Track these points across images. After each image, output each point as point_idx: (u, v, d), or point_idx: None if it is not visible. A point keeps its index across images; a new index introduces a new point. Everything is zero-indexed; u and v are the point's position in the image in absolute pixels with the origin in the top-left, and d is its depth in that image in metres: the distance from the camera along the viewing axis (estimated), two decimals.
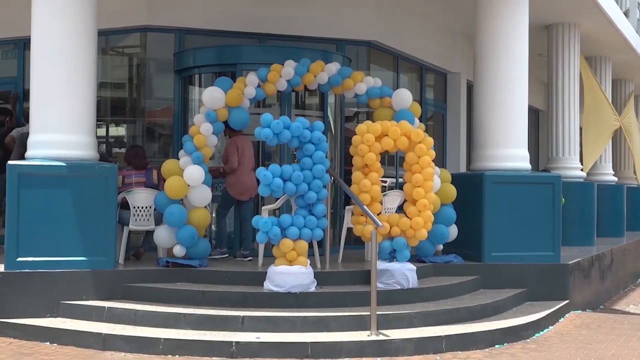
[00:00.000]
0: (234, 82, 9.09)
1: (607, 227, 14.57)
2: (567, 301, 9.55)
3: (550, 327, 8.64)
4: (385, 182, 10.36)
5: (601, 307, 10.98)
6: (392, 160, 11.69)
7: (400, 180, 11.06)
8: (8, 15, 10.91)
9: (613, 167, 16.49)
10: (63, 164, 7.93)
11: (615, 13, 13.42)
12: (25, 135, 8.63)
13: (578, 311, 9.95)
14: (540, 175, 10.96)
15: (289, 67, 9.24)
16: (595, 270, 11.18)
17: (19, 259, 7.82)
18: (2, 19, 11.18)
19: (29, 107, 8.49)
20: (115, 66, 11.46)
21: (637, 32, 16.01)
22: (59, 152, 7.98)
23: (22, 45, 11.03)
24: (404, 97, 9.66)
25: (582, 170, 13.41)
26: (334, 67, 9.53)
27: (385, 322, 7.31)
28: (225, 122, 9.68)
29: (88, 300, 7.83)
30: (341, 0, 11.02)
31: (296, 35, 10.74)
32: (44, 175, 7.90)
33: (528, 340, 7.91)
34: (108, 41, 10.77)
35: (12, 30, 11.00)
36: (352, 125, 11.07)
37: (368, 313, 7.21)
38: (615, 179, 16.19)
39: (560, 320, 9.11)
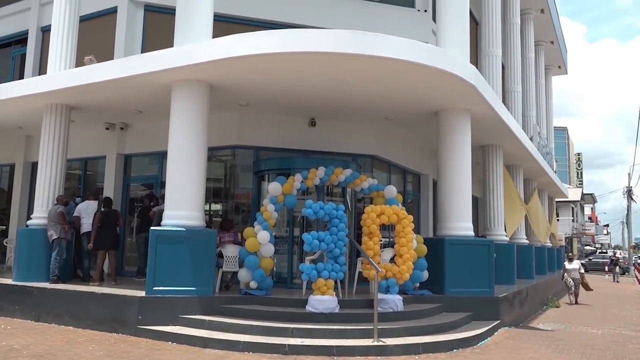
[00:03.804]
0: (288, 179, 9.20)
1: (523, 272, 14.27)
2: (499, 321, 9.29)
3: (489, 338, 8.40)
4: (382, 242, 10.25)
5: (521, 325, 10.61)
6: (387, 228, 11.60)
7: (391, 240, 11.00)
8: (152, 138, 11.26)
9: (525, 234, 16.22)
10: (183, 229, 8.03)
11: (524, 139, 13.47)
12: (161, 210, 8.76)
13: (506, 328, 9.65)
14: (480, 240, 10.77)
15: (321, 171, 9.39)
16: (516, 301, 10.90)
17: (155, 287, 7.87)
18: (150, 141, 11.53)
19: (164, 193, 8.66)
20: (216, 168, 11.60)
21: (537, 150, 16.03)
22: (181, 222, 8.10)
23: (161, 155, 11.28)
24: (391, 190, 9.85)
25: (506, 235, 13.24)
26: (348, 172, 9.69)
27: (383, 333, 7.16)
28: None
29: (196, 315, 7.79)
30: (355, 131, 11.17)
31: (327, 151, 10.85)
32: (172, 236, 7.99)
33: (474, 346, 7.70)
34: (213, 153, 10.99)
35: (154, 147, 11.33)
36: (361, 206, 11.07)
37: (372, 327, 7.09)
38: (527, 241, 15.88)
39: (495, 334, 8.85)
